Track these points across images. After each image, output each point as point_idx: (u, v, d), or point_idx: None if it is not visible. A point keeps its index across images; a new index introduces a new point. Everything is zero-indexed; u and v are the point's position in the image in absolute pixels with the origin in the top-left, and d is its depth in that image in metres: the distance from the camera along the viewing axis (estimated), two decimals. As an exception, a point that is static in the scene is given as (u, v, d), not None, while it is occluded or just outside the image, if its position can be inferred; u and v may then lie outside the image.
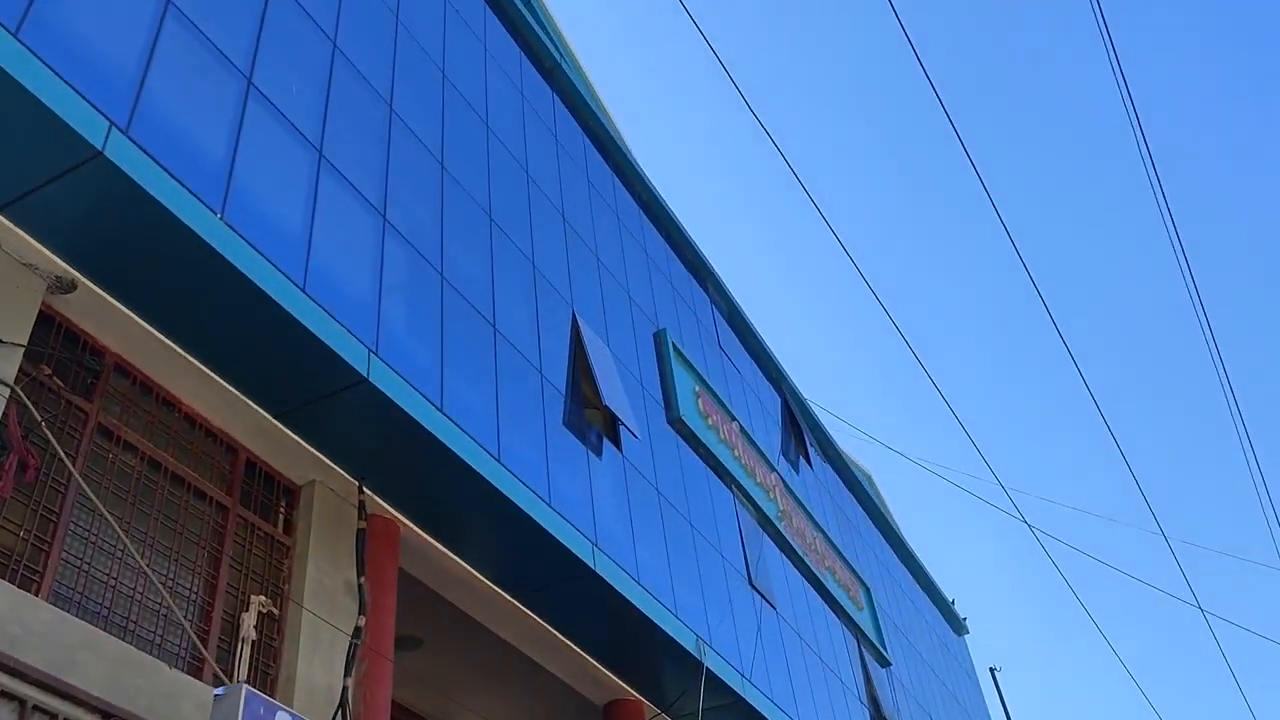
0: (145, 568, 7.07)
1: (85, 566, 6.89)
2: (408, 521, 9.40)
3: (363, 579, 8.70)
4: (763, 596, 14.87)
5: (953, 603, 27.86)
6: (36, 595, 6.36)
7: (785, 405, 20.38)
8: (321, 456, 8.68)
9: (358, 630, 8.45)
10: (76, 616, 6.49)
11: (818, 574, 17.69)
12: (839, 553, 19.47)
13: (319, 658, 8.14)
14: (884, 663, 19.62)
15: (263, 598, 8.05)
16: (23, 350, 6.67)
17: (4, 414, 6.42)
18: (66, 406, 7.16)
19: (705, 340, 17.34)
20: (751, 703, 12.91)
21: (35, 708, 5.87)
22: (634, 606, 10.98)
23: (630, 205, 16.48)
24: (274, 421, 8.31)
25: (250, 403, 8.14)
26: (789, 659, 15.06)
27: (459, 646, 11.37)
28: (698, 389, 15.44)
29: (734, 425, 16.30)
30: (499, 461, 9.44)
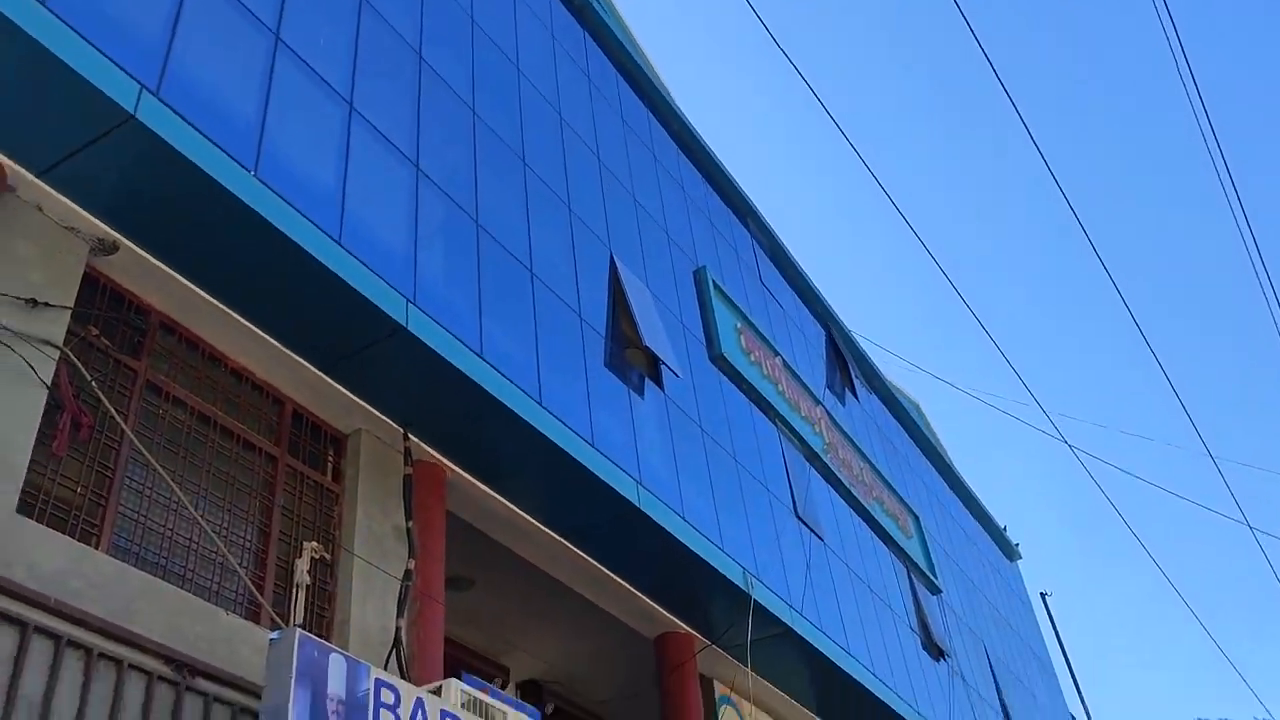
0: (199, 518, 7.30)
1: (142, 519, 7.13)
2: (454, 466, 9.58)
3: (411, 523, 8.90)
4: (810, 529, 14.98)
5: (1004, 529, 27.84)
6: (96, 548, 6.61)
7: (829, 338, 20.33)
8: (366, 405, 8.86)
9: (408, 573, 8.67)
10: (135, 567, 6.75)
11: (865, 505, 17.76)
12: (887, 483, 19.50)
13: (372, 601, 8.38)
14: (934, 590, 19.72)
15: (315, 544, 8.25)
16: (70, 312, 6.87)
17: (55, 375, 6.62)
18: (115, 365, 7.36)
19: (746, 276, 17.30)
20: (800, 633, 13.08)
21: (101, 655, 6.14)
22: (680, 542, 11.13)
23: (667, 143, 16.38)
24: (318, 373, 8.48)
25: (294, 355, 8.31)
26: (838, 589, 15.20)
27: (510, 585, 11.62)
28: (739, 325, 15.44)
29: (777, 360, 16.31)
30: (541, 405, 9.57)
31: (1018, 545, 28.33)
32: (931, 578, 19.67)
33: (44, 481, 6.56)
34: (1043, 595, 27.37)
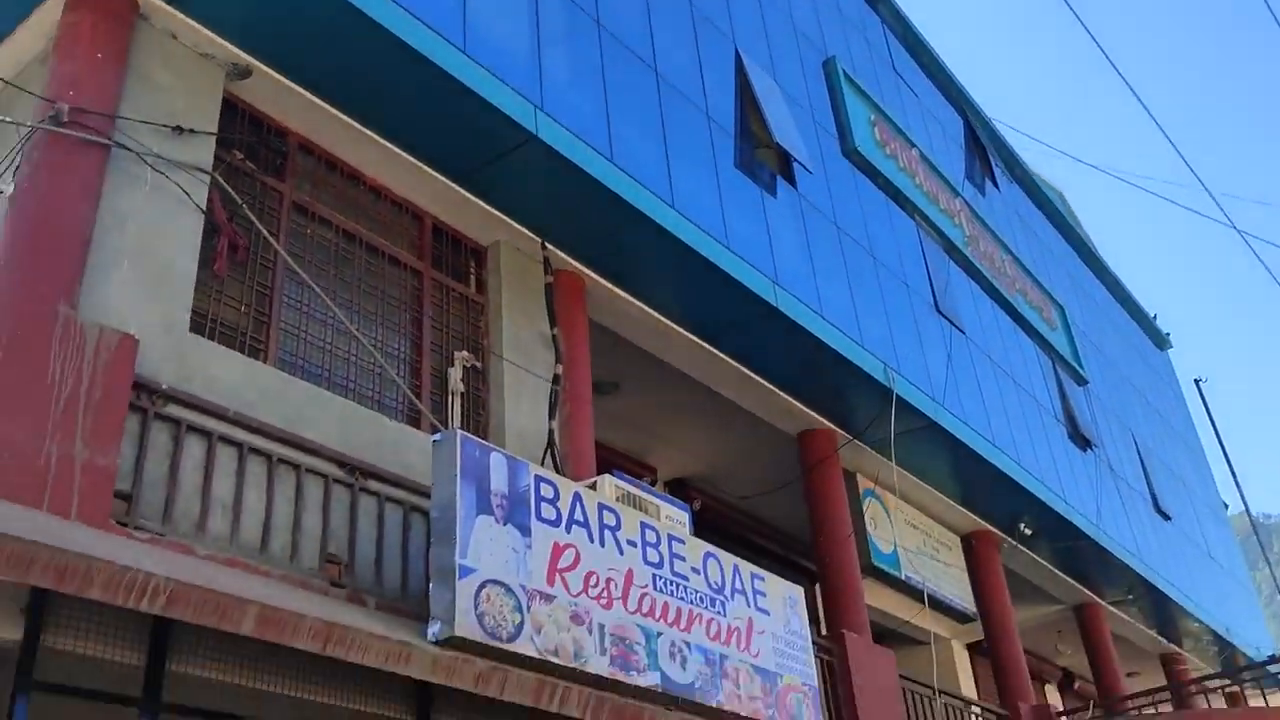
0: (355, 332, 7.60)
1: (303, 335, 7.47)
2: (592, 273, 9.67)
3: (555, 330, 9.09)
4: (951, 322, 14.75)
5: (1154, 317, 26.89)
6: (264, 363, 6.97)
7: (967, 126, 19.45)
8: (503, 216, 8.95)
9: (556, 377, 8.92)
10: (302, 380, 7.11)
11: (1008, 297, 17.34)
12: (1030, 274, 18.94)
13: (523, 405, 8.68)
14: (1081, 381, 19.34)
15: (465, 353, 8.56)
16: (214, 138, 7.04)
17: (208, 199, 6.85)
18: (262, 188, 7.57)
19: (879, 65, 16.53)
20: (944, 425, 13.07)
21: (280, 460, 6.55)
22: (819, 340, 11.12)
23: (788, -74, 15.49)
24: (453, 186, 8.57)
25: (428, 169, 8.39)
26: (981, 382, 15.04)
27: (654, 388, 11.86)
28: (873, 117, 14.88)
29: (913, 152, 15.74)
30: (673, 207, 9.50)
31: (1168, 334, 27.38)
32: (1077, 368, 19.27)
33: (209, 303, 6.88)
34: (1196, 382, 26.54)
